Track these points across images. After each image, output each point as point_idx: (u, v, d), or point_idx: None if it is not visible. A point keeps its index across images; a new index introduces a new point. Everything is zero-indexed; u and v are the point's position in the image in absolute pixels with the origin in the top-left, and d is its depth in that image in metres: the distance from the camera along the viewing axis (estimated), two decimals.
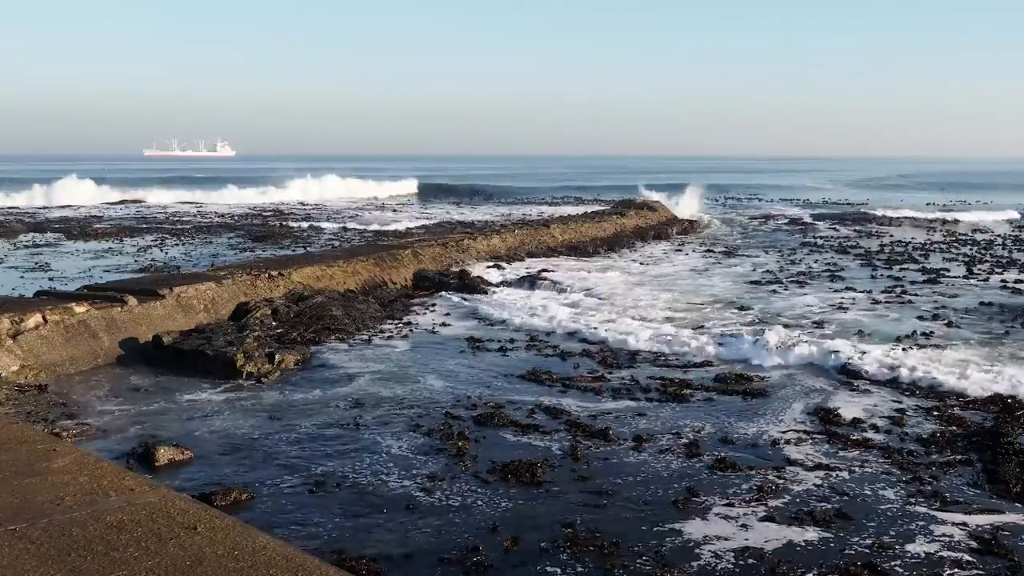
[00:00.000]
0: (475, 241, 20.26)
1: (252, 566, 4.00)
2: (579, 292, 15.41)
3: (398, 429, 7.91)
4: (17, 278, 17.04)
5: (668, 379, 9.67)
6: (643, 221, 29.41)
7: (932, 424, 8.12)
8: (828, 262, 20.45)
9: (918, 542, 5.63)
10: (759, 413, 8.48)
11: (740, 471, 6.86)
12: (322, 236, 26.29)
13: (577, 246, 22.63)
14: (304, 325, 12.00)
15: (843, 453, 7.33)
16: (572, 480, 6.71)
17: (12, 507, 4.67)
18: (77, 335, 10.22)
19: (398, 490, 6.47)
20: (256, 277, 13.48)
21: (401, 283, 16.12)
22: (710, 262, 20.72)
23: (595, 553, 5.44)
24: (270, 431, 7.87)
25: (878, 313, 13.76)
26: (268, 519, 5.87)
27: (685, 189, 39.93)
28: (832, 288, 16.39)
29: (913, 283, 16.96)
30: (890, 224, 32.16)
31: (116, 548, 4.16)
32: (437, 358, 10.70)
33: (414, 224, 30.55)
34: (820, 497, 6.37)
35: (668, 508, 6.18)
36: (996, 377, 9.28)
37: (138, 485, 5.08)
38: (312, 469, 6.90)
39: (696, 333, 11.71)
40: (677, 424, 8.10)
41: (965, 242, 25.47)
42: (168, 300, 11.63)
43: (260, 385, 9.40)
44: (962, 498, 6.38)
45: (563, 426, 7.99)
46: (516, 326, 12.69)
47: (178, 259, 20.38)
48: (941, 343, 11.36)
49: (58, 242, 24.42)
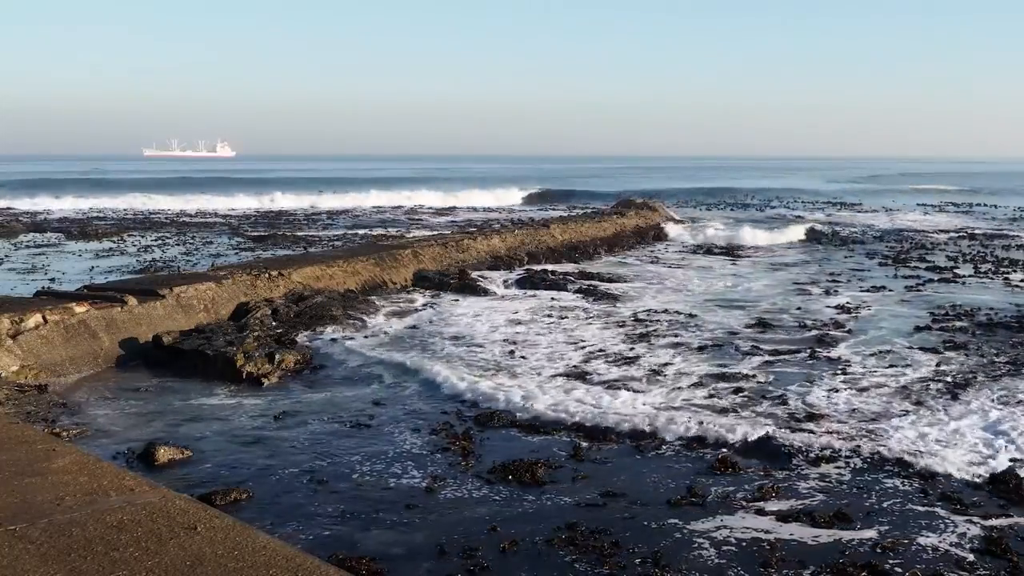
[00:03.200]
0: (475, 241, 20.27)
1: (252, 566, 4.00)
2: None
3: (399, 429, 7.91)
4: (17, 278, 17.05)
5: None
6: (643, 221, 29.40)
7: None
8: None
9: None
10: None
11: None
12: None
13: (577, 246, 22.63)
14: (304, 325, 12.00)
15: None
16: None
17: (12, 507, 4.66)
18: (77, 335, 10.22)
19: (399, 489, 6.47)
20: (256, 277, 13.48)
21: (401, 283, 16.13)
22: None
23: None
24: (270, 431, 7.87)
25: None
26: (268, 519, 5.87)
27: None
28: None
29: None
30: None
31: (116, 548, 4.16)
32: (437, 358, 10.69)
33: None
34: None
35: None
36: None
37: (138, 485, 5.08)
38: (312, 468, 6.90)
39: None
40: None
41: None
42: (168, 300, 11.63)
43: (260, 385, 9.40)
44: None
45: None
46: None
47: (178, 259, 20.38)
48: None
49: (58, 242, 24.43)
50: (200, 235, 26.61)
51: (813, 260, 21.30)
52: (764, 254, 22.94)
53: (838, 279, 17.62)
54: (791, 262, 20.95)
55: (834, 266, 19.90)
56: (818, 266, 20.04)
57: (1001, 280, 17.49)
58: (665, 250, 23.80)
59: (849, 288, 16.42)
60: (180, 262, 19.71)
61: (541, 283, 16.41)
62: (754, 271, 19.40)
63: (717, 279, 17.89)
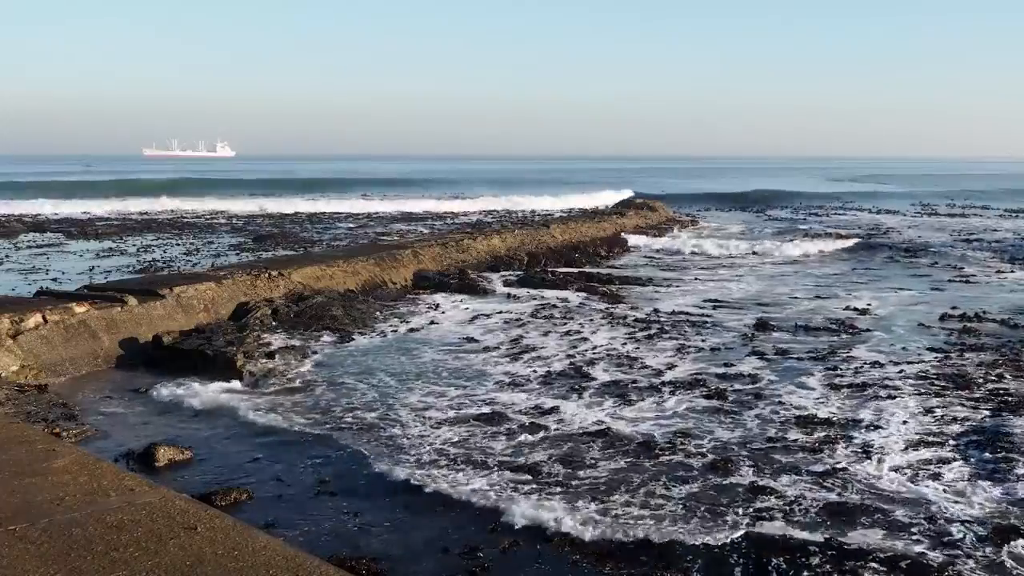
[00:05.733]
0: (475, 241, 20.28)
1: (252, 566, 4.00)
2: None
3: (399, 429, 7.91)
4: (17, 278, 17.04)
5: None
6: (643, 221, 29.42)
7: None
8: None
9: None
10: None
11: None
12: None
13: (577, 246, 22.62)
14: (304, 325, 12.00)
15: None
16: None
17: (12, 507, 4.67)
18: (77, 335, 10.22)
19: (400, 489, 6.47)
20: (256, 277, 13.48)
21: (401, 283, 16.13)
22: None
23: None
24: (270, 431, 7.86)
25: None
26: (268, 519, 5.87)
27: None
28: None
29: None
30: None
31: (116, 548, 4.16)
32: (436, 358, 10.69)
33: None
34: None
35: None
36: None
37: (138, 485, 5.09)
38: (312, 468, 6.90)
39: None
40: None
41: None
42: (168, 300, 11.63)
43: (260, 385, 9.39)
44: None
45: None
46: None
47: (178, 259, 20.38)
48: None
49: (58, 242, 24.42)
50: (200, 235, 26.61)
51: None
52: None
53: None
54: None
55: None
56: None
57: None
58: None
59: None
60: (180, 262, 19.71)
61: (541, 283, 16.41)
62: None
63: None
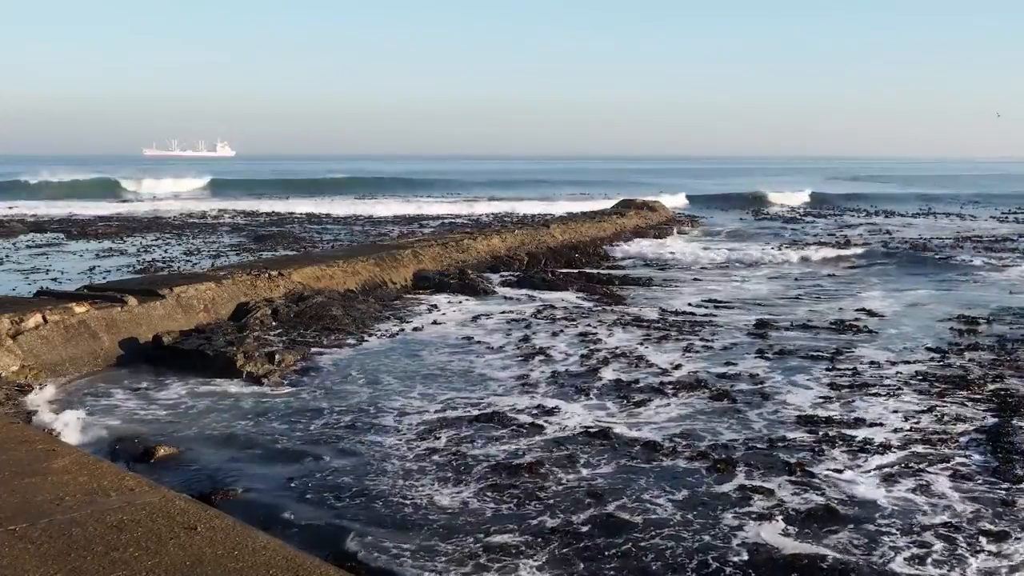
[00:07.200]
0: (475, 241, 20.28)
1: (252, 566, 4.00)
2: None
3: (399, 429, 7.91)
4: (18, 278, 17.04)
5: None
6: (643, 221, 29.42)
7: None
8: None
9: None
10: None
11: None
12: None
13: (577, 246, 22.62)
14: (304, 325, 12.01)
15: None
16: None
17: (12, 507, 4.67)
18: (77, 335, 10.22)
19: (399, 490, 6.48)
20: (256, 277, 13.48)
21: (401, 283, 16.13)
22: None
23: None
24: (270, 431, 7.86)
25: None
26: (268, 519, 5.87)
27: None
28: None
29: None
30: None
31: (116, 548, 4.16)
32: (436, 358, 10.70)
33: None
34: None
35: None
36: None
37: (138, 485, 5.09)
38: (312, 469, 6.90)
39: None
40: None
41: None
42: (168, 300, 11.63)
43: (260, 385, 9.39)
44: None
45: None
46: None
47: (178, 259, 20.38)
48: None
49: (59, 242, 24.43)
50: (200, 235, 26.61)
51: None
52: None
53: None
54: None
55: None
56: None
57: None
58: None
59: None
60: (180, 262, 19.71)
61: (541, 284, 16.41)
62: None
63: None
